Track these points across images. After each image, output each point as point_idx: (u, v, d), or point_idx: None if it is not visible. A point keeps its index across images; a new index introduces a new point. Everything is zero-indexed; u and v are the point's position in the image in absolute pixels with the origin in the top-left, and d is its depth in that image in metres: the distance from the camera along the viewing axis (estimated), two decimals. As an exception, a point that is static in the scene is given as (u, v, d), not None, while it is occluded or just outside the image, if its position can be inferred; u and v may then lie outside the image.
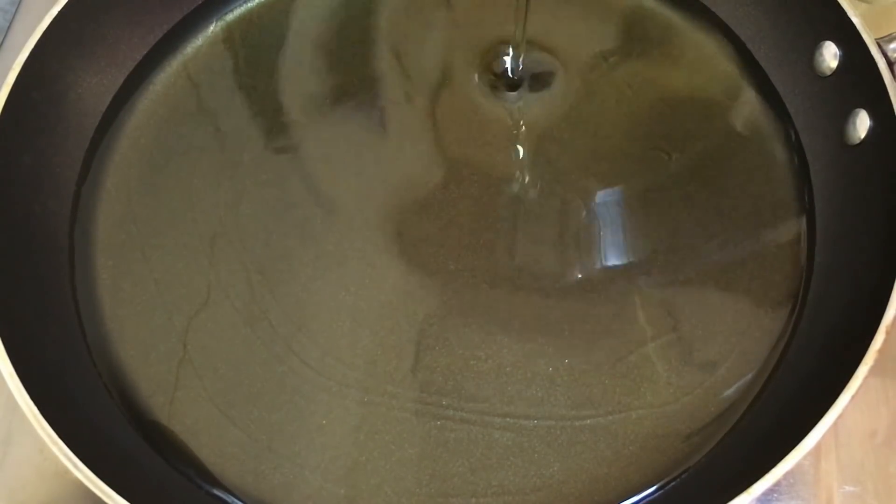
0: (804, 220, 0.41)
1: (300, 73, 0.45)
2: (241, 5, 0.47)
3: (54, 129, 0.41)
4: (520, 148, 0.43)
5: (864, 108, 0.38)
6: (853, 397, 0.32)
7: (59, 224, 0.41)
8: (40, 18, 0.40)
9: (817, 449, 0.36)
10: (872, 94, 0.37)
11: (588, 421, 0.37)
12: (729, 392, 0.38)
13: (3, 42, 0.48)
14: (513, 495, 0.36)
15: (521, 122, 0.44)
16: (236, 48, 0.46)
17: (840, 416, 0.31)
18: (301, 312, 0.39)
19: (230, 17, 0.47)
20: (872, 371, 0.32)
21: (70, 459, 0.32)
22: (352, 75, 0.45)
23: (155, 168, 0.43)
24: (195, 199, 0.42)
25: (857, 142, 0.39)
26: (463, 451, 0.37)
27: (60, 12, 0.40)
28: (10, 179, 0.39)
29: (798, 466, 0.31)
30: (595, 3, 0.46)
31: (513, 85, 0.45)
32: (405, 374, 0.38)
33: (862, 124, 0.38)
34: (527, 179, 0.42)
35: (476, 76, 0.45)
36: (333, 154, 0.43)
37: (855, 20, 0.38)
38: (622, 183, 0.42)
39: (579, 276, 0.40)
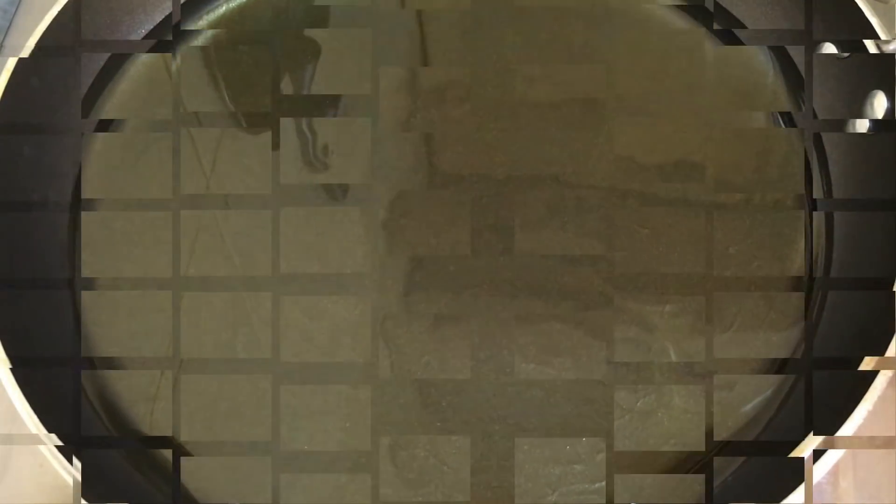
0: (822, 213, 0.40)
1: (285, 65, 0.45)
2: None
3: (54, 122, 0.42)
4: (520, 148, 0.42)
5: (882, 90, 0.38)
6: (870, 411, 0.31)
7: (57, 216, 0.41)
8: (40, 18, 0.40)
9: (835, 467, 0.35)
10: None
11: (588, 421, 0.37)
12: (738, 403, 0.37)
13: (3, 42, 0.48)
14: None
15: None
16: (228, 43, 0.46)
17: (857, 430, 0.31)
18: (300, 312, 0.39)
19: (220, 10, 0.47)
20: (891, 382, 0.32)
21: (69, 472, 0.33)
22: (342, 71, 0.45)
23: (152, 168, 0.43)
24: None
25: (873, 129, 0.38)
26: (462, 452, 0.37)
27: (60, 12, 0.40)
28: (9, 171, 0.39)
29: (816, 485, 0.31)
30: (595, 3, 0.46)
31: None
32: (404, 375, 0.38)
33: (880, 106, 0.38)
34: (527, 180, 0.42)
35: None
36: (325, 148, 0.43)
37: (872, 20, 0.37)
38: (626, 185, 0.41)
39: (582, 278, 0.39)
